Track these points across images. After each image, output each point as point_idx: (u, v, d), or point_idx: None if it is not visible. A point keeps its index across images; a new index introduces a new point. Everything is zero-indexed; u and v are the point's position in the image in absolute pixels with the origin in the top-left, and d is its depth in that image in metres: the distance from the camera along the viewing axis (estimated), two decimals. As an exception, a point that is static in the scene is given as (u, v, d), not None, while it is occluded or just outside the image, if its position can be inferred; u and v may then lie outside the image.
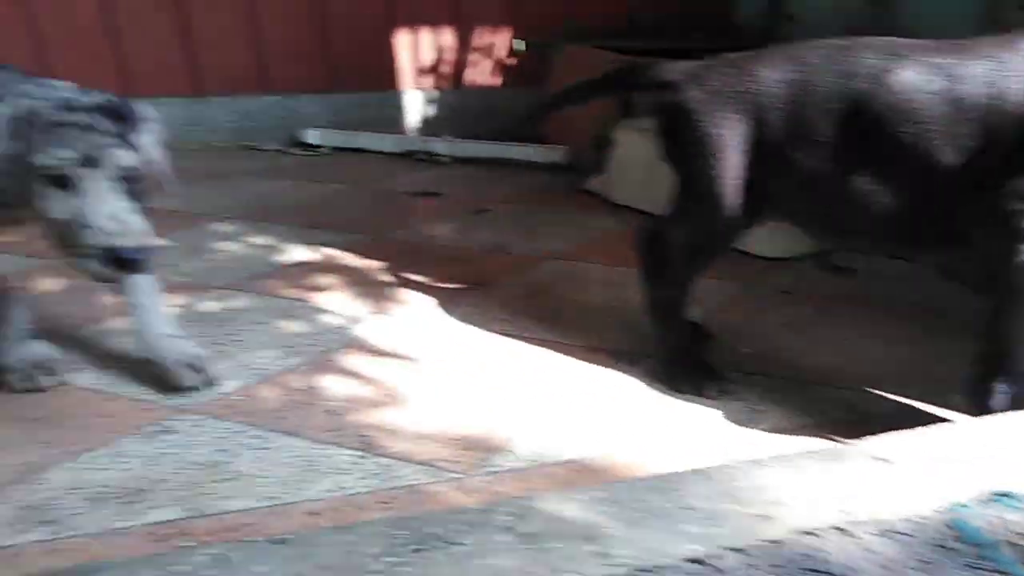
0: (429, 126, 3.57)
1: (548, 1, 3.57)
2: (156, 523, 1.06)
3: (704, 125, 1.32)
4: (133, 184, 1.18)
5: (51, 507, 1.08)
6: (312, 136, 3.33)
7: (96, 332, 1.60)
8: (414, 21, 3.46)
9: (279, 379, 1.44)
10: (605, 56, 3.00)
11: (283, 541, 0.82)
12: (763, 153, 1.29)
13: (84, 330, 1.60)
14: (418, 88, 3.54)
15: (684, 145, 1.36)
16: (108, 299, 1.60)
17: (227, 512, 1.09)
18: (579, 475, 1.19)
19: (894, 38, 1.28)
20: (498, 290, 1.89)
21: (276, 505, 1.11)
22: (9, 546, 1.01)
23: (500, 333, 1.65)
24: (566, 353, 1.57)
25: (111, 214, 1.14)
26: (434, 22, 3.48)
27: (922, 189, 1.21)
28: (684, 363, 1.44)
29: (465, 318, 1.72)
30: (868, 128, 1.21)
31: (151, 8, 3.09)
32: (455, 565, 0.79)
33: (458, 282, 1.93)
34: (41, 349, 1.39)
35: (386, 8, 3.41)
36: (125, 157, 1.17)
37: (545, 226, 2.39)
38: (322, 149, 3.31)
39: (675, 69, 1.40)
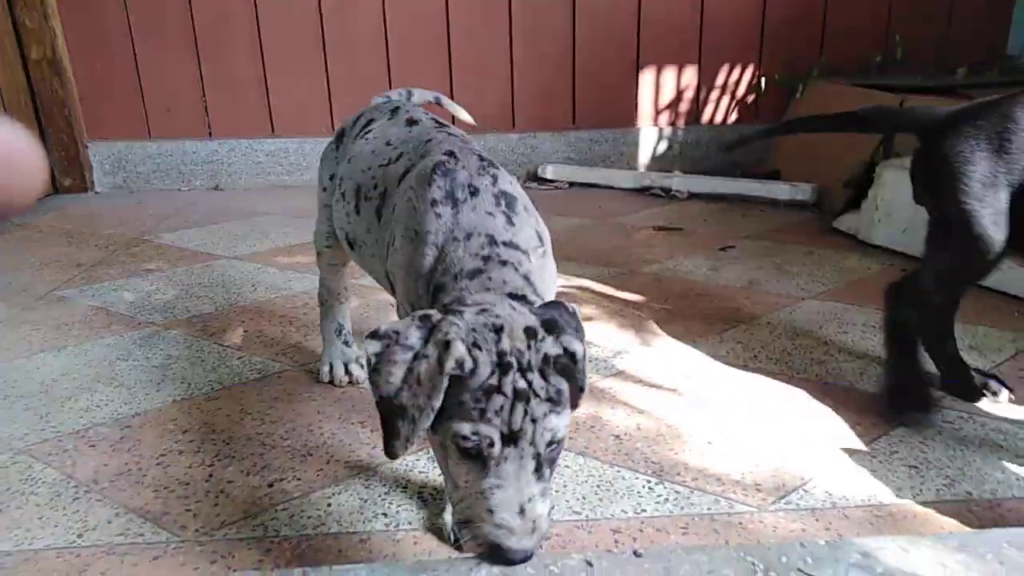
0: (661, 162, 3.64)
1: (797, 37, 3.53)
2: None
3: (970, 169, 1.33)
4: (553, 455, 0.88)
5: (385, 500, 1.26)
6: (549, 171, 3.52)
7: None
8: (659, 61, 3.56)
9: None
10: (858, 92, 2.92)
11: (639, 555, 0.91)
12: (1018, 192, 1.30)
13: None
14: (655, 125, 3.63)
15: (943, 186, 1.37)
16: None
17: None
18: (879, 519, 1.18)
19: None
20: (759, 329, 1.91)
21: (581, 520, 1.20)
22: (356, 532, 1.18)
23: (770, 374, 1.67)
24: (836, 396, 1.55)
25: (520, 506, 0.84)
26: (678, 61, 3.56)
27: None
28: (901, 387, 1.47)
29: (731, 354, 1.76)
30: None
31: (423, 56, 3.45)
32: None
33: (716, 318, 1.97)
34: (355, 350, 1.65)
35: (634, 48, 3.54)
36: (557, 427, 0.86)
37: (795, 265, 2.36)
38: (559, 183, 3.49)
39: (931, 113, 1.42)
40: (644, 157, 3.66)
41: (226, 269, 2.43)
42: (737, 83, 3.61)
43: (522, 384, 0.84)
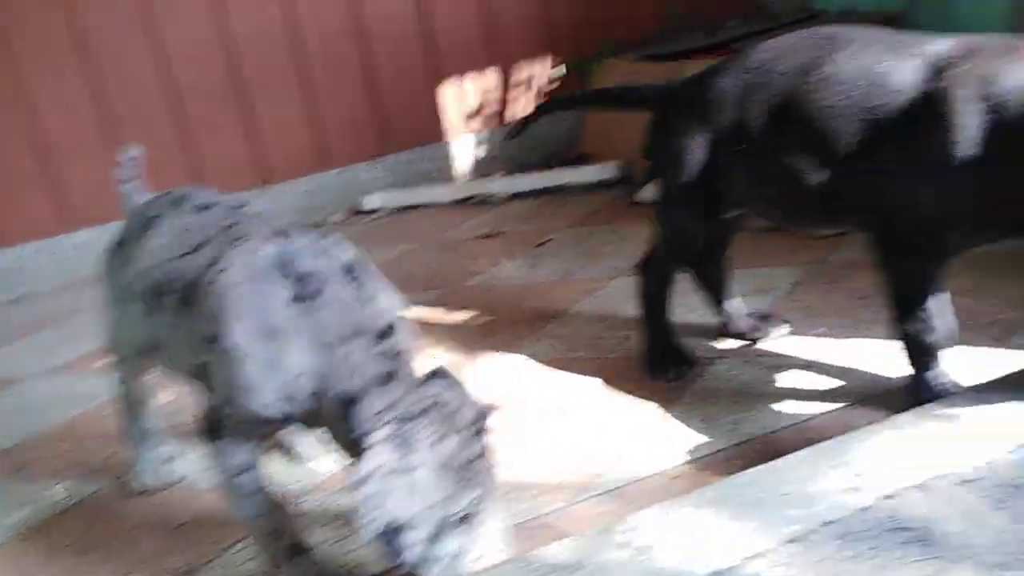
0: (482, 167, 3.72)
1: (583, 24, 3.69)
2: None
3: (670, 139, 1.47)
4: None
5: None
6: (370, 201, 3.53)
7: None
8: (457, 71, 3.63)
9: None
10: (641, 66, 3.10)
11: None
12: (723, 155, 1.42)
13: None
14: (468, 133, 3.71)
15: (657, 158, 1.52)
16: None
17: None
18: (675, 480, 1.28)
19: (829, 28, 1.36)
20: (574, 319, 2.00)
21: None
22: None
23: (583, 362, 1.76)
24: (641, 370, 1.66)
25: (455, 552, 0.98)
26: (476, 67, 3.65)
27: (846, 166, 1.27)
28: (655, 352, 1.62)
29: (550, 351, 1.84)
30: (801, 118, 1.30)
31: (217, 107, 3.38)
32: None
33: (536, 317, 2.05)
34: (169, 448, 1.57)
35: (430, 61, 3.60)
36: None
37: (606, 246, 2.49)
38: (379, 213, 3.51)
39: (651, 90, 1.57)
40: (464, 166, 3.74)
41: (30, 391, 2.25)
42: (534, 77, 3.74)
43: (483, 446, 1.04)
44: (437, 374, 1.07)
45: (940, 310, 1.26)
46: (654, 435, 1.43)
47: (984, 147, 1.09)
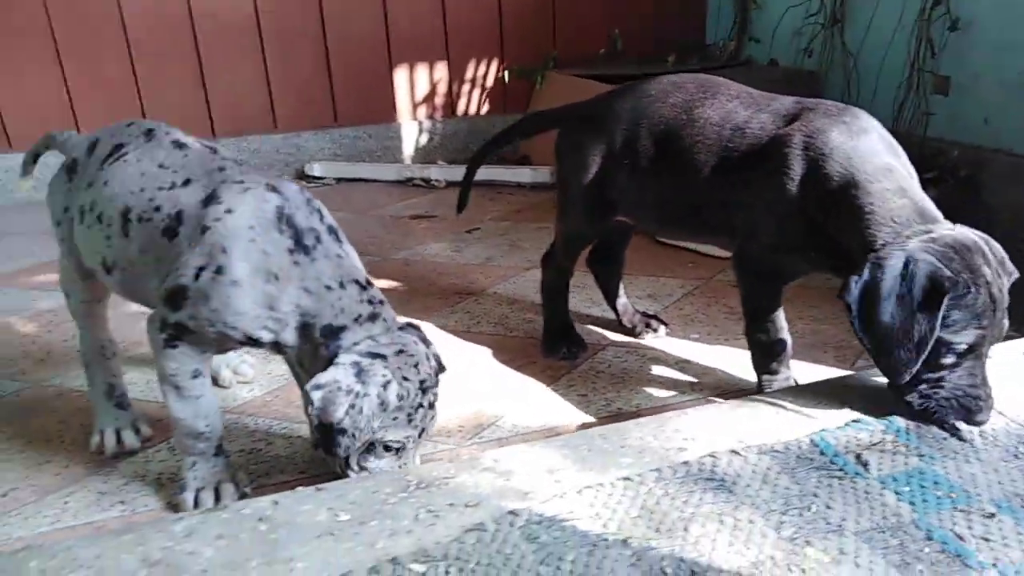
0: (424, 154, 3.88)
1: (533, 33, 3.89)
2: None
3: (570, 151, 1.67)
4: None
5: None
6: (316, 168, 3.65)
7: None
8: (411, 59, 3.78)
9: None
10: (583, 83, 3.31)
11: (320, 489, 1.11)
12: (613, 168, 1.61)
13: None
14: (414, 119, 3.86)
15: (560, 167, 1.73)
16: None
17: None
18: (550, 438, 1.47)
19: (712, 77, 1.59)
20: (486, 299, 2.19)
21: (303, 478, 1.39)
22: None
23: (488, 335, 1.95)
24: (537, 348, 1.86)
25: (374, 469, 1.24)
26: (429, 58, 3.80)
27: (705, 191, 1.49)
28: (552, 334, 1.82)
29: (459, 323, 2.02)
30: (676, 145, 1.52)
31: (172, 59, 3.43)
32: (449, 495, 1.08)
33: (453, 293, 2.23)
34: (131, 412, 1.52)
35: (385, 48, 3.73)
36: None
37: (528, 240, 2.69)
38: (326, 180, 3.63)
39: (561, 110, 1.77)
40: (408, 150, 3.88)
41: None
42: (485, 76, 3.92)
43: (431, 398, 1.24)
44: (410, 327, 1.30)
45: (782, 324, 1.50)
46: (539, 401, 1.63)
47: (803, 191, 1.33)
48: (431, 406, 1.24)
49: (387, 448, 1.22)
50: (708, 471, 1.08)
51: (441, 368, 1.30)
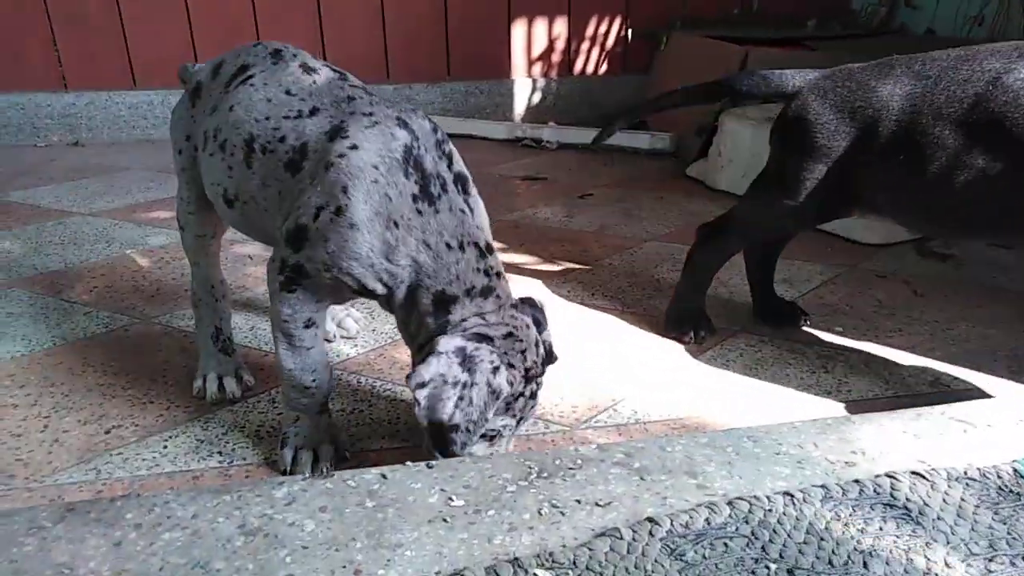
0: (536, 113, 3.72)
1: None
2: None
3: (818, 136, 1.41)
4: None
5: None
6: (425, 124, 3.55)
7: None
8: (531, 13, 3.61)
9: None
10: (712, 44, 3.07)
11: (431, 466, 1.00)
12: (870, 160, 1.37)
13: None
14: (528, 77, 3.70)
15: (795, 146, 1.45)
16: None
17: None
18: (674, 431, 1.32)
19: (1016, 42, 1.33)
20: (602, 270, 2.04)
21: (405, 446, 1.30)
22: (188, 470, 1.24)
23: (603, 309, 1.80)
24: (658, 327, 1.69)
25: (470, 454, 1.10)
26: (549, 12, 3.63)
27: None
28: (682, 312, 1.64)
29: (572, 294, 1.88)
30: (981, 129, 1.27)
31: (289, 5, 3.38)
32: (575, 489, 0.95)
33: (566, 261, 2.08)
34: (235, 359, 1.46)
35: (505, 5, 3.58)
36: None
37: (645, 210, 2.51)
38: (435, 135, 3.53)
39: (797, 79, 1.47)
40: (520, 108, 3.74)
41: (80, 226, 2.37)
42: (606, 35, 3.71)
43: (533, 387, 1.13)
44: (528, 303, 1.18)
45: None
46: (662, 387, 1.47)
47: None
48: (533, 395, 1.14)
49: (483, 435, 1.11)
50: (887, 494, 0.91)
51: (551, 358, 1.18)
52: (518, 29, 3.64)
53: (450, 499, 0.92)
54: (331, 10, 3.44)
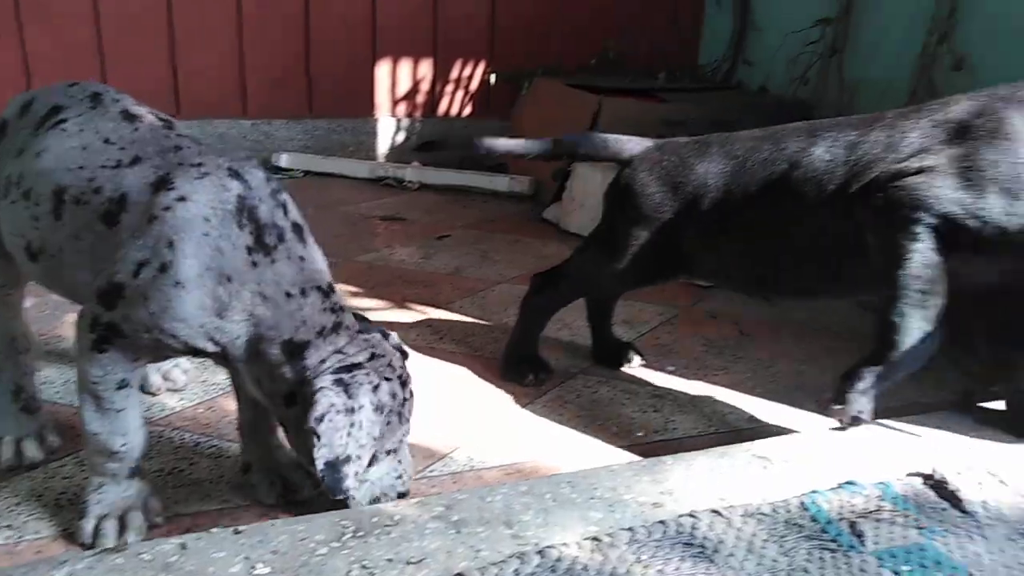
0: (400, 153, 3.73)
1: (522, 38, 3.77)
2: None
3: (643, 204, 1.51)
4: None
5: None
6: (284, 159, 3.48)
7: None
8: (396, 53, 3.63)
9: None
10: (570, 92, 3.19)
11: (238, 531, 0.96)
12: (691, 230, 1.48)
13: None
14: (393, 116, 3.71)
15: (623, 213, 1.54)
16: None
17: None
18: (508, 477, 1.34)
19: (810, 122, 1.46)
20: (453, 312, 2.05)
21: (229, 507, 1.24)
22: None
23: (450, 354, 1.80)
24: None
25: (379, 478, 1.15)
26: (415, 53, 3.66)
27: (821, 241, 1.36)
28: (518, 357, 1.69)
29: (420, 339, 1.87)
30: (784, 200, 1.39)
31: (139, 33, 3.24)
32: (389, 547, 0.94)
33: (418, 304, 2.08)
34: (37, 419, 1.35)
35: (370, 37, 3.58)
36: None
37: (501, 252, 2.55)
38: (294, 172, 3.46)
39: (631, 146, 1.58)
40: (383, 147, 3.74)
41: None
42: (470, 78, 3.79)
43: (410, 388, 1.16)
44: (361, 320, 1.19)
45: None
46: (499, 433, 1.48)
47: None
48: (411, 395, 1.17)
49: (387, 451, 1.14)
50: (688, 534, 0.95)
51: (404, 355, 1.22)
52: (383, 68, 3.65)
53: (253, 567, 0.89)
54: (186, 43, 3.33)
